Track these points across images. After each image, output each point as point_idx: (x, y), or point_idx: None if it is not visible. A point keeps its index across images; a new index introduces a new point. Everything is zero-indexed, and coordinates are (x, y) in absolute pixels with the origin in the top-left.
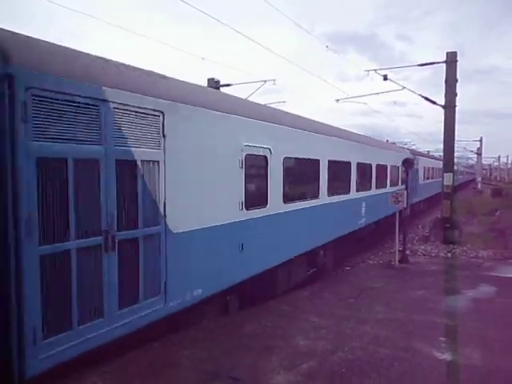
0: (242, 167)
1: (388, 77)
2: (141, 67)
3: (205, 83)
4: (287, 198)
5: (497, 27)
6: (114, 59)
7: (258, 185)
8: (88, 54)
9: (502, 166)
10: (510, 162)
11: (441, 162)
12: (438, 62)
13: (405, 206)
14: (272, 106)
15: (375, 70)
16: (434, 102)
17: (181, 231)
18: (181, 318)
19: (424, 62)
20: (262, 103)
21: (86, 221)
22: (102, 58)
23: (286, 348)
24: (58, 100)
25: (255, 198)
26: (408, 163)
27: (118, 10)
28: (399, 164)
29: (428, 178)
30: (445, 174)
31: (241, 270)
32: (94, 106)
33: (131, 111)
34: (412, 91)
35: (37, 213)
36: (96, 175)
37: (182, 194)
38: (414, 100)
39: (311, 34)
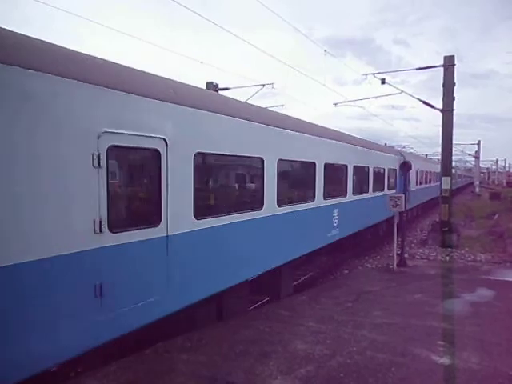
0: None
1: (386, 81)
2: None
3: (203, 87)
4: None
5: (493, 32)
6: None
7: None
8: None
9: (499, 170)
10: (507, 165)
11: (437, 166)
12: (436, 66)
13: (403, 209)
14: (270, 109)
15: (373, 74)
16: (431, 106)
17: None
18: None
19: (421, 66)
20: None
21: None
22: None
23: (283, 353)
24: None
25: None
26: (406, 167)
27: (117, 14)
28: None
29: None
30: (443, 178)
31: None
32: None
33: None
34: (410, 95)
35: None
36: None
37: None
38: (411, 104)
39: (309, 39)
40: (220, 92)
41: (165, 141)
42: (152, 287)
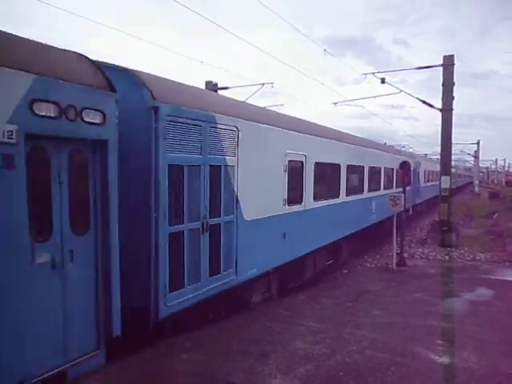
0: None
1: (385, 80)
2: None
3: (203, 86)
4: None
5: (493, 32)
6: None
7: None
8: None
9: (499, 169)
10: (507, 164)
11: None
12: (436, 66)
13: (402, 209)
14: (270, 108)
15: (373, 74)
16: (431, 106)
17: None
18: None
19: (421, 66)
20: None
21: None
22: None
23: (282, 352)
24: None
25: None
26: (406, 166)
27: (117, 14)
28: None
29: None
30: (442, 177)
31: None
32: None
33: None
34: (409, 94)
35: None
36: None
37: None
38: (411, 103)
39: (309, 38)
40: (219, 91)
41: (305, 156)
42: (302, 234)
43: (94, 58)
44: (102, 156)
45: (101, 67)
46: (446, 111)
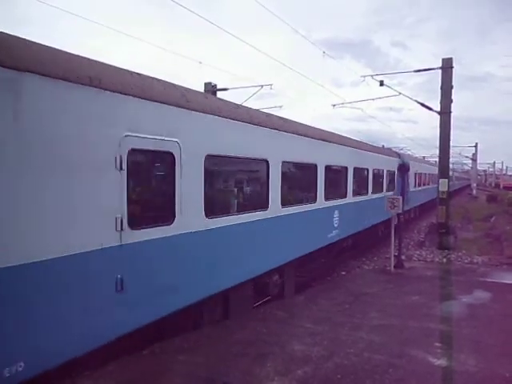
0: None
1: (384, 82)
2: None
3: (202, 87)
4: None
5: (491, 35)
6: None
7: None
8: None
9: (497, 172)
10: (504, 167)
11: (434, 168)
12: (434, 68)
13: (400, 211)
14: (268, 110)
15: (371, 76)
16: (429, 108)
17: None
18: None
19: (419, 69)
20: (259, 108)
21: None
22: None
23: (280, 354)
24: None
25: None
26: (404, 168)
27: (116, 14)
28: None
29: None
30: (440, 180)
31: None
32: None
33: None
34: (408, 97)
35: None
36: None
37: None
38: (409, 106)
39: (308, 40)
40: (218, 93)
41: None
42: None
43: (94, 57)
44: None
45: None
46: (445, 114)
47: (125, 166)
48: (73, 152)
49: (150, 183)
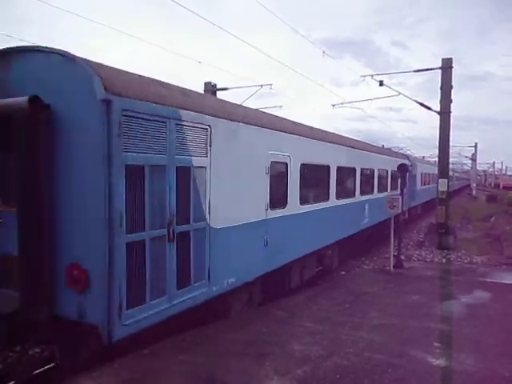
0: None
1: (383, 82)
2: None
3: (201, 87)
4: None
5: (491, 34)
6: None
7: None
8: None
9: (496, 172)
10: (504, 167)
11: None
12: (434, 68)
13: (399, 211)
14: (268, 110)
15: (371, 76)
16: (429, 108)
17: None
18: None
19: (419, 68)
20: (259, 108)
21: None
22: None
23: (280, 353)
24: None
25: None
26: (403, 168)
27: (115, 14)
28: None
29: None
30: (440, 180)
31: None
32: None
33: None
34: (408, 97)
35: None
36: None
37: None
38: (409, 105)
39: (307, 39)
40: (218, 92)
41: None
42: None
43: (92, 58)
44: None
45: None
46: (444, 114)
47: (268, 172)
48: (247, 164)
49: (277, 182)
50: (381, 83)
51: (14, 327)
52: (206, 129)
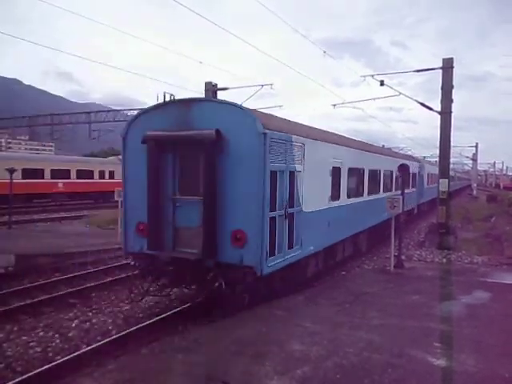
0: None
1: (384, 82)
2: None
3: (202, 86)
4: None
5: (490, 35)
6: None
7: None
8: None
9: (497, 172)
10: (505, 167)
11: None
12: (435, 68)
13: (400, 211)
14: (269, 110)
15: (372, 76)
16: (430, 108)
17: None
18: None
19: (419, 68)
20: (259, 107)
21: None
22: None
23: (280, 353)
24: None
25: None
26: (404, 169)
27: (116, 12)
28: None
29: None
30: (440, 180)
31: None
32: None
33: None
34: (409, 97)
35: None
36: None
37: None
38: (409, 105)
39: (308, 39)
40: (218, 92)
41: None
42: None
43: (95, 57)
44: None
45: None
46: (445, 114)
47: (330, 174)
48: (320, 167)
49: (334, 182)
50: (381, 83)
51: (196, 270)
52: (302, 146)
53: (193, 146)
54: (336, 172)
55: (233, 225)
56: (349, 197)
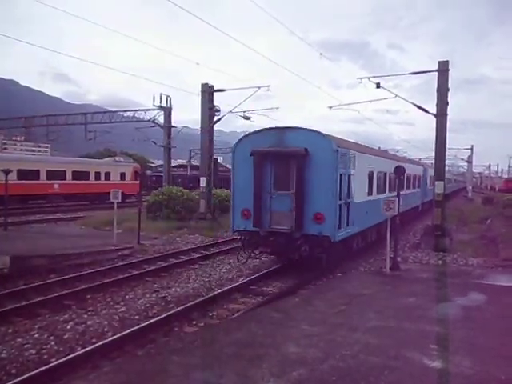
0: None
1: (380, 85)
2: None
3: (199, 88)
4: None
5: (487, 37)
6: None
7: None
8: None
9: (492, 175)
10: (500, 170)
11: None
12: (431, 71)
13: (395, 213)
14: (265, 111)
15: (368, 78)
16: (426, 111)
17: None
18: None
19: (415, 71)
20: (256, 109)
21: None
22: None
23: (276, 356)
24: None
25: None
26: (399, 170)
27: (114, 14)
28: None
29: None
30: (436, 182)
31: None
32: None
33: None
34: (405, 99)
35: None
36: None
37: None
38: (405, 108)
39: (305, 41)
40: (215, 94)
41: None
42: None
43: (92, 58)
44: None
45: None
46: (441, 116)
47: (367, 176)
48: (362, 171)
49: (369, 182)
50: (378, 85)
51: (288, 240)
52: (354, 156)
53: (286, 158)
54: (370, 174)
55: (314, 209)
56: (377, 193)
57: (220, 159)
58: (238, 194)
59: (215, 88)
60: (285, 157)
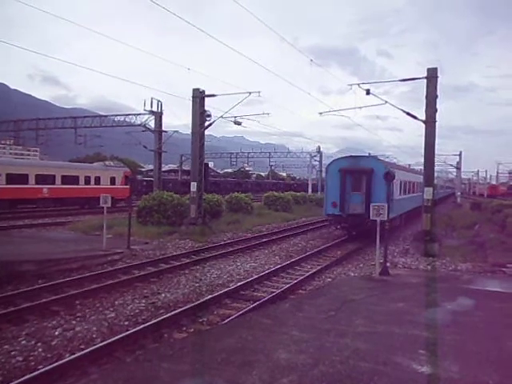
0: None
1: (370, 91)
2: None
3: (190, 93)
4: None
5: (474, 46)
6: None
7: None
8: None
9: (480, 181)
10: (488, 176)
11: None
12: (419, 78)
13: (385, 218)
14: (256, 117)
15: (358, 85)
16: (415, 117)
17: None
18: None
19: (405, 78)
20: (246, 114)
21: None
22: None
23: (266, 362)
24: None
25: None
26: (389, 176)
27: (104, 18)
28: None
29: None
30: (425, 188)
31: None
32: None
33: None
34: (394, 106)
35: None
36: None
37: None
38: (395, 114)
39: (295, 47)
40: (206, 99)
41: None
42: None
43: (82, 62)
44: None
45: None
46: (429, 123)
47: (399, 183)
48: (397, 180)
49: (398, 186)
50: (367, 92)
51: (360, 219)
52: (394, 172)
53: (360, 173)
54: (401, 182)
55: (375, 202)
56: (404, 194)
57: (211, 164)
58: (329, 193)
59: (207, 93)
60: (359, 172)
